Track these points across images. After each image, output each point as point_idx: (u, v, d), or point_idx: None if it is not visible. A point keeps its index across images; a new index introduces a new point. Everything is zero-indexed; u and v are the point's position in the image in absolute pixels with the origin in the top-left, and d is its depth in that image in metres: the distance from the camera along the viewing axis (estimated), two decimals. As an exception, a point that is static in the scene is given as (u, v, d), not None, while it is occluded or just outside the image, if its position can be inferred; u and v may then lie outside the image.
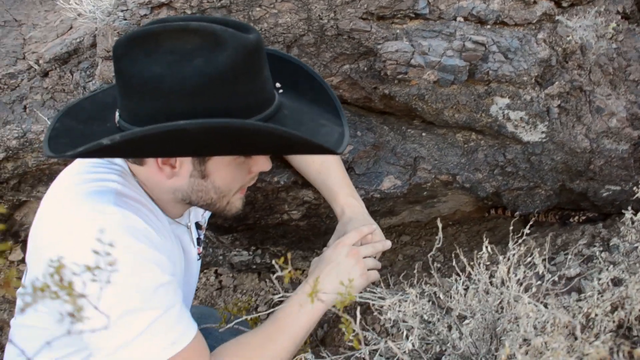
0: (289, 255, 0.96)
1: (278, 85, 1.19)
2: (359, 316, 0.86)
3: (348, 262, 1.35)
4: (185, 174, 1.15)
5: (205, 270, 2.66)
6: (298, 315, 1.26)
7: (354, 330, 0.84)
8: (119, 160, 1.20)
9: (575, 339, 1.02)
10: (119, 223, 1.03)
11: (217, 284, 2.62)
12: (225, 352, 1.19)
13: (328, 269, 1.34)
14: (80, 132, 1.11)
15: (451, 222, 2.51)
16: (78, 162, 1.22)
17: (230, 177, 1.19)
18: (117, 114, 1.10)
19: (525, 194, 1.90)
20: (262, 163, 1.23)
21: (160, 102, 1.00)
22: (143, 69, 0.99)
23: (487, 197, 1.90)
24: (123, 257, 0.98)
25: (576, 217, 2.10)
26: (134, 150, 1.05)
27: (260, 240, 2.16)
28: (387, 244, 1.48)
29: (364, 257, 1.39)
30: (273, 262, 0.93)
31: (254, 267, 2.34)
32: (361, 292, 1.33)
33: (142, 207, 1.14)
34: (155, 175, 1.17)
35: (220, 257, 2.39)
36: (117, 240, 0.97)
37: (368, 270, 1.39)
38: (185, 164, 1.14)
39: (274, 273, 1.00)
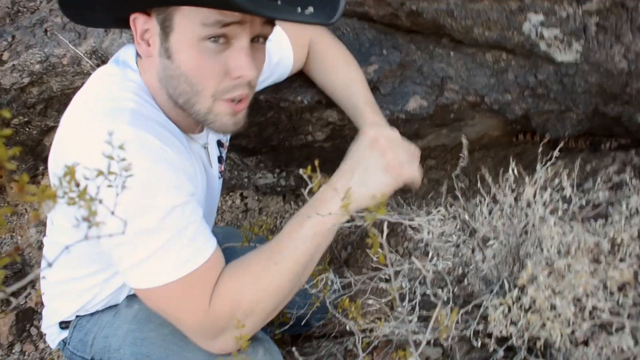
0: (317, 162, 0.93)
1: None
2: (385, 230, 0.85)
3: (370, 157, 1.19)
4: (156, 55, 1.13)
5: (230, 193, 2.69)
6: (300, 232, 1.15)
7: (380, 246, 0.83)
8: (135, 77, 1.18)
9: (599, 263, 1.01)
10: (134, 143, 1.01)
11: (242, 207, 2.66)
12: (224, 276, 1.14)
13: (343, 170, 1.21)
14: None
15: (478, 147, 2.47)
16: (91, 82, 1.20)
17: (195, 62, 1.09)
18: None
19: (556, 118, 1.84)
20: (238, 59, 1.09)
21: None
22: None
23: (516, 119, 1.85)
24: (138, 177, 0.98)
25: (608, 144, 2.05)
26: None
27: (284, 162, 2.16)
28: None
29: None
30: (300, 171, 0.90)
31: (279, 189, 2.35)
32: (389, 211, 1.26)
33: (158, 126, 1.11)
34: (149, 65, 1.16)
35: (246, 180, 2.41)
36: (131, 159, 0.97)
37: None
38: (154, 39, 1.12)
39: (298, 195, 0.99)
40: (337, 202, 1.11)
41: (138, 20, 1.13)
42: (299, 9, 1.09)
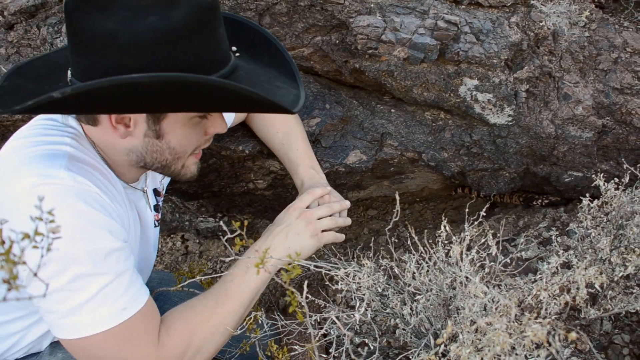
0: (245, 222, 0.96)
1: (234, 48, 1.18)
2: (305, 289, 0.87)
3: (298, 224, 1.37)
4: (139, 134, 1.14)
5: (172, 235, 2.65)
6: (244, 278, 1.26)
7: (299, 302, 0.85)
8: (73, 123, 1.18)
9: (521, 317, 1.05)
10: (70, 188, 1.01)
11: (183, 250, 2.62)
12: (172, 318, 1.19)
13: (277, 231, 1.36)
14: (31, 91, 1.08)
15: (418, 199, 2.54)
16: (31, 124, 1.19)
17: (185, 137, 1.18)
18: (69, 72, 1.07)
19: (490, 175, 1.92)
20: (218, 124, 1.22)
21: (113, 57, 0.98)
22: (95, 24, 0.97)
23: (452, 176, 1.92)
24: (74, 222, 0.98)
25: (539, 201, 2.14)
26: (86, 104, 1.02)
27: (226, 208, 2.16)
28: (346, 204, 1.49)
29: (320, 218, 1.41)
30: (221, 222, 0.94)
31: (220, 233, 2.34)
32: (317, 261, 1.32)
33: (95, 172, 1.12)
34: (110, 135, 1.15)
35: (187, 223, 2.39)
36: (67, 205, 0.97)
37: (323, 231, 1.41)
38: (139, 124, 1.12)
39: (224, 236, 1.01)
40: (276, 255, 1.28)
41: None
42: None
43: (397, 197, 1.12)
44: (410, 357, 1.12)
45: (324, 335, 1.39)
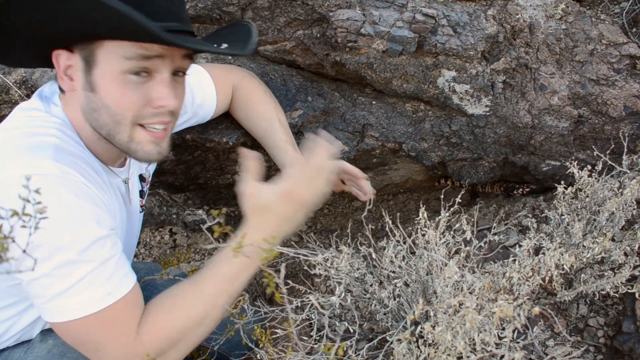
0: (224, 210, 1.00)
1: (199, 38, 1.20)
2: (283, 271, 0.90)
3: (289, 209, 1.19)
4: (80, 87, 1.16)
5: (160, 229, 2.68)
6: (229, 265, 1.19)
7: (277, 284, 0.89)
8: (58, 112, 1.21)
9: (494, 300, 1.10)
10: (57, 178, 1.04)
11: (171, 243, 2.65)
12: (154, 308, 1.18)
13: (270, 218, 1.19)
14: None
15: (402, 190, 2.58)
16: (15, 115, 1.22)
17: (118, 93, 1.13)
18: None
19: (470, 165, 1.97)
20: (160, 90, 1.15)
21: None
22: None
23: (433, 166, 1.96)
24: (60, 211, 1.01)
25: (520, 190, 2.19)
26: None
27: (212, 200, 2.19)
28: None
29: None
30: (199, 212, 0.97)
31: (203, 225, 2.37)
32: (296, 248, 1.30)
33: (80, 162, 1.15)
34: (73, 100, 1.19)
35: (174, 216, 2.42)
36: (54, 195, 1.00)
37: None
38: (78, 75, 1.15)
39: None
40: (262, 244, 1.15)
41: (61, 57, 1.17)
42: (215, 46, 1.18)
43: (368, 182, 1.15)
44: (388, 339, 1.16)
45: (308, 322, 1.43)
